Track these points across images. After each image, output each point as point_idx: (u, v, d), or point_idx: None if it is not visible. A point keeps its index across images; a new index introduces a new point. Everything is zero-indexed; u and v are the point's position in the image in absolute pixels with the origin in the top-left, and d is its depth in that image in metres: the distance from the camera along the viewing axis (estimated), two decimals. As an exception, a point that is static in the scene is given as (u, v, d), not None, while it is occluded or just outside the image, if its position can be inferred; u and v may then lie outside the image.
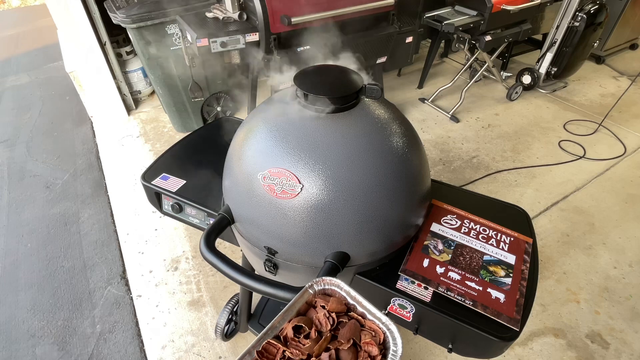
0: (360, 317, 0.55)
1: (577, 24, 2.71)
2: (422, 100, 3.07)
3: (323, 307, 0.55)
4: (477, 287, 0.76)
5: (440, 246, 0.85)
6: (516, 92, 3.05)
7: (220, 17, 2.03)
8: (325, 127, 0.71)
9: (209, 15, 2.08)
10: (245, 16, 2.01)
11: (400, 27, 2.42)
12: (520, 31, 2.63)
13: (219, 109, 2.79)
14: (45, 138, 2.91)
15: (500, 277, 0.79)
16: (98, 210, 2.24)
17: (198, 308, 1.67)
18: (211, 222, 0.87)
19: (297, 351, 0.51)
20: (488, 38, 2.50)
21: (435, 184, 1.05)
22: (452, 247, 0.85)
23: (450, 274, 0.79)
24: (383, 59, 2.45)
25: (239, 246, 0.97)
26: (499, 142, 2.64)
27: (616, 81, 3.37)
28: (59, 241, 2.07)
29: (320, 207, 0.68)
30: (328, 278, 0.58)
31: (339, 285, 0.58)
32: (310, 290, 0.57)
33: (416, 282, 0.78)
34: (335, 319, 0.54)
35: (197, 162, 1.14)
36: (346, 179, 0.68)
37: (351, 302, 0.57)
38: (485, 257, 0.83)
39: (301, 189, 0.68)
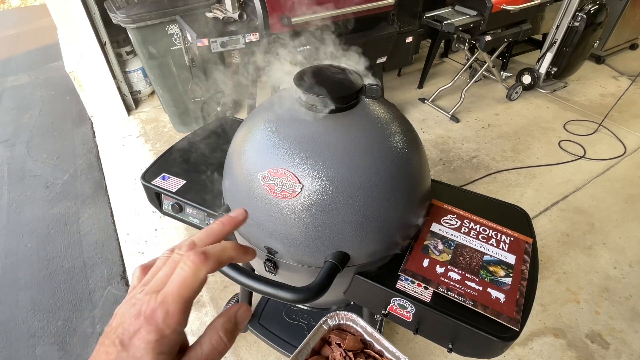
0: (377, 355, 0.53)
1: (577, 24, 2.71)
2: (422, 100, 3.07)
3: (339, 344, 0.54)
4: (477, 287, 0.76)
5: (440, 246, 0.85)
6: (516, 92, 3.05)
7: (220, 17, 2.03)
8: (325, 127, 0.71)
9: (209, 15, 2.07)
10: (245, 16, 2.01)
11: (400, 27, 2.42)
12: (520, 31, 2.63)
13: (219, 109, 2.79)
14: (45, 138, 2.91)
15: (500, 277, 0.79)
16: (98, 210, 2.24)
17: (198, 308, 1.67)
18: (211, 222, 0.87)
19: None
20: (488, 38, 2.50)
21: (435, 184, 1.05)
22: (452, 247, 0.85)
23: (450, 274, 0.79)
24: (383, 59, 2.45)
25: (239, 246, 0.97)
26: (499, 142, 2.64)
27: (616, 81, 3.37)
28: (59, 241, 2.07)
29: (320, 207, 0.68)
30: (343, 312, 0.56)
31: (355, 321, 0.56)
32: (324, 326, 0.56)
33: (416, 282, 0.78)
34: (352, 358, 0.53)
35: (197, 162, 1.14)
36: (346, 179, 0.68)
37: (368, 339, 0.55)
38: (485, 257, 0.83)
39: (301, 189, 0.68)
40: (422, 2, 2.63)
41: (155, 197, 1.07)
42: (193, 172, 1.09)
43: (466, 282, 0.77)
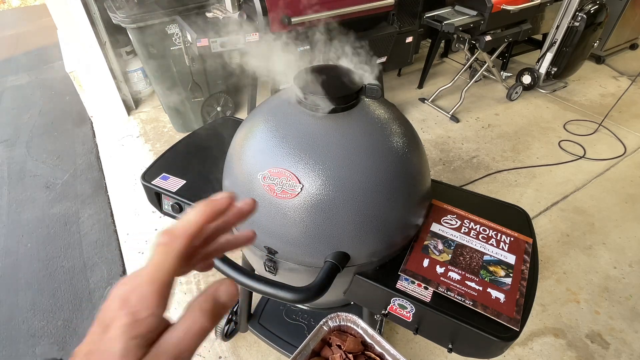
0: (378, 358, 0.53)
1: (577, 24, 2.71)
2: (422, 100, 3.07)
3: (339, 346, 0.53)
4: (477, 287, 0.76)
5: (440, 246, 0.85)
6: (516, 92, 3.05)
7: (220, 17, 2.03)
8: (325, 127, 0.71)
9: (209, 15, 2.08)
10: (245, 16, 2.01)
11: (400, 27, 2.42)
12: (520, 31, 2.63)
13: (219, 109, 2.79)
14: (45, 138, 2.91)
15: (500, 277, 0.79)
16: (98, 210, 2.24)
17: (198, 308, 1.67)
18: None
19: None
20: (488, 38, 2.50)
21: (435, 184, 1.05)
22: (452, 247, 0.85)
23: (450, 274, 0.79)
24: (383, 59, 2.45)
25: (239, 246, 0.97)
26: (499, 142, 2.64)
27: (616, 81, 3.37)
28: (59, 241, 2.07)
29: (320, 207, 0.68)
30: (344, 314, 0.56)
31: (356, 322, 0.55)
32: (324, 327, 0.55)
33: (416, 282, 0.78)
34: None
35: (197, 162, 1.14)
36: (346, 179, 0.68)
37: (369, 340, 0.54)
38: (485, 257, 0.83)
39: (301, 189, 0.68)
40: (422, 2, 2.63)
41: (155, 197, 1.07)
42: (193, 172, 1.09)
43: (466, 282, 0.77)
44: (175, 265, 0.29)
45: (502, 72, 3.36)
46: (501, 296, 0.75)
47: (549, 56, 2.93)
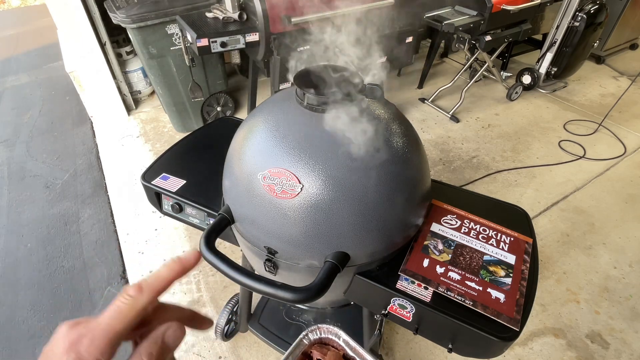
0: None
1: (577, 24, 2.71)
2: (422, 100, 3.07)
3: None
4: (477, 287, 0.76)
5: (440, 246, 0.85)
6: (516, 92, 3.05)
7: (220, 17, 2.03)
8: (326, 127, 0.71)
9: (209, 15, 2.08)
10: (245, 16, 2.01)
11: (400, 27, 2.42)
12: (520, 31, 2.64)
13: (219, 109, 2.79)
14: (45, 138, 2.91)
15: (500, 277, 0.79)
16: (98, 210, 2.24)
17: (198, 308, 1.67)
18: (211, 222, 0.87)
19: None
20: (488, 38, 2.50)
21: (435, 184, 1.05)
22: (452, 247, 0.85)
23: (450, 274, 0.79)
24: (383, 59, 2.45)
25: (239, 246, 0.97)
26: (499, 142, 2.64)
27: (616, 81, 3.37)
28: (59, 241, 2.07)
29: (320, 207, 0.68)
30: (325, 326, 0.55)
31: (337, 334, 0.54)
32: (305, 340, 0.54)
33: (416, 282, 0.78)
34: None
35: (197, 162, 1.14)
36: (346, 179, 0.68)
37: (351, 353, 0.53)
38: (485, 257, 0.83)
39: (301, 189, 0.68)
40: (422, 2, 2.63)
41: (155, 197, 1.07)
42: (193, 172, 1.09)
43: (466, 282, 0.77)
44: (135, 319, 0.30)
45: (502, 72, 3.36)
46: (501, 296, 0.75)
47: (549, 56, 2.93)
